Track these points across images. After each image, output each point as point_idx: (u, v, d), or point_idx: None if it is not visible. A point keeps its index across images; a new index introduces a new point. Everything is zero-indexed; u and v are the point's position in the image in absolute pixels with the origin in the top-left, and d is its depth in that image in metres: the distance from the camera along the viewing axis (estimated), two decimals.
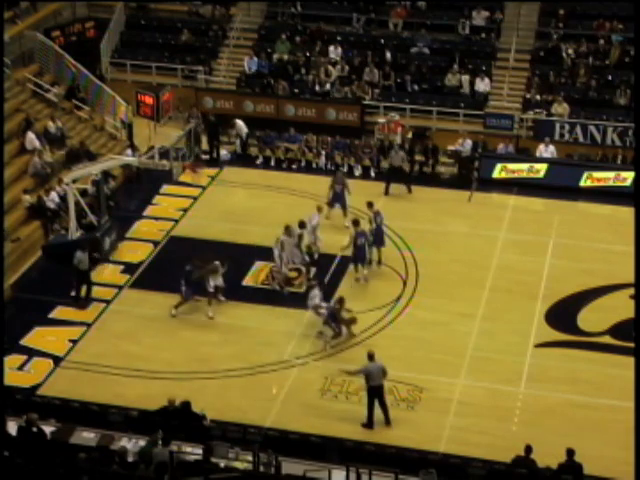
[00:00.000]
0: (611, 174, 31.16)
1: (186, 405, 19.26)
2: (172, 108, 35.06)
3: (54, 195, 28.08)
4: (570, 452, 17.97)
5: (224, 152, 33.25)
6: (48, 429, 18.04)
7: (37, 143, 30.11)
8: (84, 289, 24.84)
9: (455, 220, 29.21)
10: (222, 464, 16.71)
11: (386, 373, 20.59)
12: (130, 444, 17.91)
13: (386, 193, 30.50)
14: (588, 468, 18.16)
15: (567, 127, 33.14)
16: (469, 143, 32.22)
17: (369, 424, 20.64)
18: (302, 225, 26.14)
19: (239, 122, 33.51)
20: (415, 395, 21.64)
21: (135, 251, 27.43)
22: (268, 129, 33.22)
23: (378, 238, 26.45)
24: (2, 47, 31.38)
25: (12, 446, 16.49)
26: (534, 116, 33.86)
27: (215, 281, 24.19)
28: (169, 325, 24.10)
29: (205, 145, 33.12)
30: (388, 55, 35.98)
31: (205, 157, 32.56)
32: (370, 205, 26.77)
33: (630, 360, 22.50)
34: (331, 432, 20.35)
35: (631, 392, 20.53)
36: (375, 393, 20.60)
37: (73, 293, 24.82)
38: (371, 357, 20.65)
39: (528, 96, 34.52)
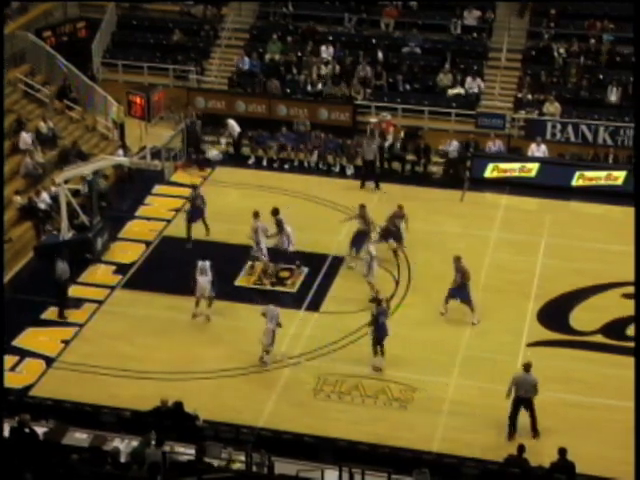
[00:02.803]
0: (603, 173, 31.22)
1: (179, 405, 19.25)
2: (163, 108, 35.03)
3: (45, 196, 28.04)
4: (562, 451, 18.00)
5: (215, 152, 33.21)
6: (40, 430, 18.00)
7: (30, 143, 30.07)
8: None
9: (447, 220, 29.23)
10: (215, 464, 16.69)
11: (536, 389, 20.14)
12: (123, 445, 17.88)
13: (362, 186, 30.85)
14: (581, 467, 18.17)
15: (559, 126, 33.20)
16: (455, 144, 32.20)
17: (509, 433, 20.29)
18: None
19: (231, 122, 33.46)
20: (408, 395, 21.64)
21: (127, 251, 27.40)
22: (260, 129, 33.21)
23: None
24: (2, 46, 31.35)
25: (4, 447, 16.44)
26: (526, 115, 33.91)
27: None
28: (162, 325, 24.07)
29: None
30: (380, 55, 36.01)
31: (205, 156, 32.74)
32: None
33: (622, 359, 22.61)
34: (324, 432, 20.33)
35: (623, 391, 20.70)
36: (520, 403, 20.24)
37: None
38: (526, 368, 20.28)
39: (520, 95, 34.57)
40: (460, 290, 24.18)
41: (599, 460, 19.53)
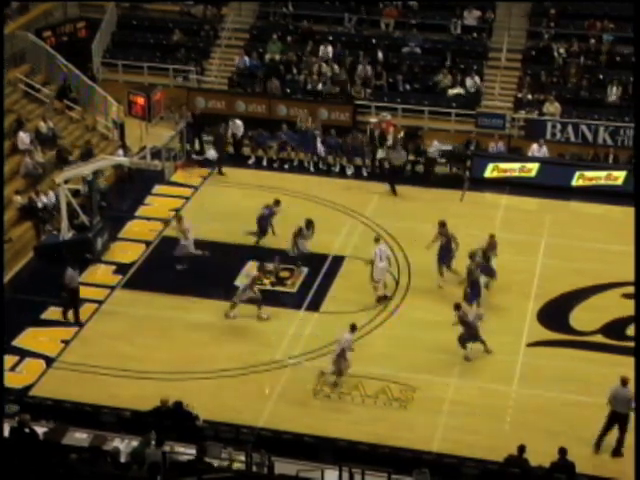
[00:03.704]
0: (603, 173, 31.22)
1: (179, 405, 19.25)
2: (163, 108, 35.02)
3: (45, 196, 28.00)
4: (562, 451, 18.01)
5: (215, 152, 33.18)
6: (40, 430, 17.99)
7: (28, 143, 30.05)
8: (71, 312, 24.38)
9: (447, 220, 29.10)
10: (215, 464, 16.68)
11: (631, 404, 19.52)
12: (123, 445, 17.88)
13: (394, 193, 30.59)
14: (581, 467, 18.19)
15: (559, 126, 33.20)
16: (435, 144, 32.12)
17: (596, 446, 19.89)
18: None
19: (238, 122, 33.22)
20: (408, 395, 21.63)
21: (127, 251, 27.40)
22: (260, 129, 33.17)
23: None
24: (2, 46, 31.33)
25: (4, 447, 16.44)
26: (526, 115, 33.91)
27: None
28: (162, 325, 24.08)
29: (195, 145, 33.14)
30: (380, 55, 36.00)
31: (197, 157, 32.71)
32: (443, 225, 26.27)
33: (622, 359, 22.58)
34: (324, 432, 20.33)
35: None
36: (614, 419, 19.72)
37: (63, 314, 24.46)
38: (624, 382, 19.66)
39: (520, 95, 34.57)
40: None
41: (599, 460, 19.53)
